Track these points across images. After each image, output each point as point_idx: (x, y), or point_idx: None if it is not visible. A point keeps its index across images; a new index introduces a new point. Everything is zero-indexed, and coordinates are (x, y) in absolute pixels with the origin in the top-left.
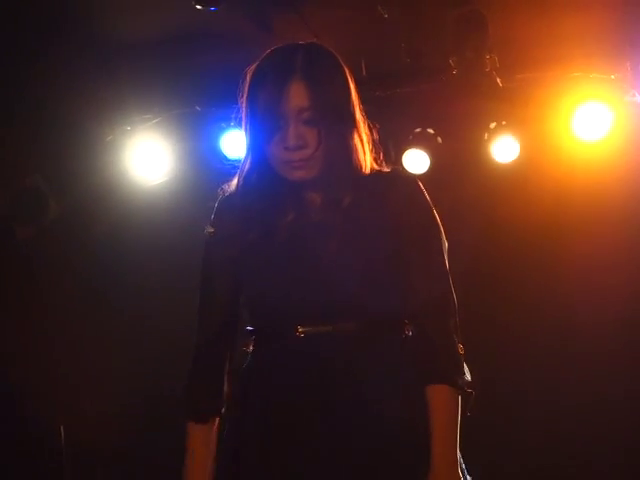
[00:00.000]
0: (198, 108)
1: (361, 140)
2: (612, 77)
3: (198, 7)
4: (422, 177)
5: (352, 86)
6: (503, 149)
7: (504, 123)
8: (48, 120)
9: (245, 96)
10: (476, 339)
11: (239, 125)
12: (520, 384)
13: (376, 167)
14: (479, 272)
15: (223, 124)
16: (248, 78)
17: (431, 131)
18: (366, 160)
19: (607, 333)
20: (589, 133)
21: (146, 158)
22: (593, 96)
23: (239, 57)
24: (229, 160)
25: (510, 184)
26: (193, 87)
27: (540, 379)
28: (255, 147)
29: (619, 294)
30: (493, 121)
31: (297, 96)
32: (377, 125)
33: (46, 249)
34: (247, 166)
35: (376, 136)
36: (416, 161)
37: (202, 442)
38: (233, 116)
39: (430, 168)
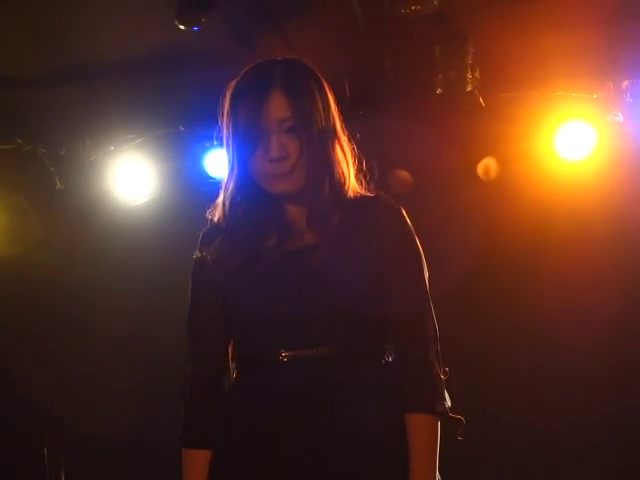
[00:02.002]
0: (182, 128)
1: (343, 152)
2: (595, 96)
3: (181, 27)
4: (406, 196)
5: (332, 99)
6: (486, 168)
7: (487, 142)
8: (30, 139)
9: (226, 113)
10: (459, 358)
11: (221, 143)
12: (502, 404)
13: (357, 187)
14: (461, 291)
15: (207, 144)
16: (228, 95)
17: (414, 150)
18: (349, 174)
19: (590, 352)
20: (572, 152)
21: (129, 178)
22: (576, 115)
23: (223, 76)
24: (213, 180)
25: (492, 203)
26: (177, 107)
27: (522, 398)
28: (238, 163)
29: (602, 312)
30: (476, 140)
31: (277, 108)
32: (358, 134)
33: (29, 270)
34: (231, 185)
35: (357, 151)
36: (400, 180)
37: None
38: (215, 135)
39: (414, 187)
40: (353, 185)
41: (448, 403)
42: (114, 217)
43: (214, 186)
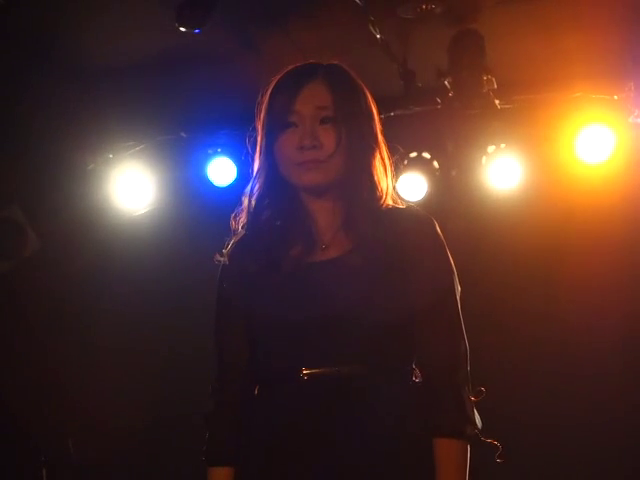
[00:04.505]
0: (183, 134)
1: (383, 163)
2: (615, 98)
3: (182, 29)
4: (418, 204)
5: (374, 108)
6: (502, 173)
7: (503, 146)
8: (26, 147)
9: (263, 104)
10: (475, 367)
11: (227, 149)
12: (517, 412)
13: (389, 201)
14: (479, 300)
15: (210, 151)
16: (267, 90)
17: (427, 155)
18: (388, 187)
19: (609, 355)
20: (592, 155)
21: (129, 187)
22: (596, 118)
23: (225, 80)
24: (216, 188)
25: (511, 208)
26: (177, 112)
27: (539, 406)
28: (267, 156)
29: (621, 315)
30: (491, 144)
31: (316, 95)
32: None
33: (26, 283)
34: (257, 188)
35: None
36: (411, 187)
37: None
38: (218, 142)
39: (427, 194)
40: (389, 199)
41: (479, 426)
42: (113, 228)
43: (217, 195)
